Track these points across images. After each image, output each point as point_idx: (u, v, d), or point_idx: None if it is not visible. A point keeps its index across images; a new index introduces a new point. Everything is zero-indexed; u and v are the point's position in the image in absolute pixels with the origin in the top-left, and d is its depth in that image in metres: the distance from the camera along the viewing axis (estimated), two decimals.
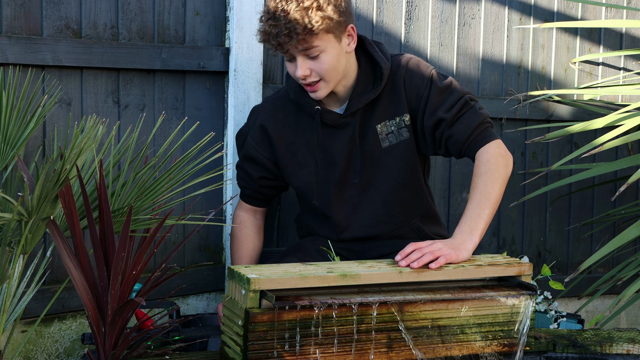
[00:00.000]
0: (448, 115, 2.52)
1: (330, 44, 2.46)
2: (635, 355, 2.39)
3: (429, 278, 2.20)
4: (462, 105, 2.53)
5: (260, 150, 2.67)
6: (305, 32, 2.40)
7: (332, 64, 2.47)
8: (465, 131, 2.51)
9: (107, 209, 2.04)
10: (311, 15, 2.40)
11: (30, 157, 2.57)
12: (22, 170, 2.04)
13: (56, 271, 2.68)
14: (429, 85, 2.56)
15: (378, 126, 2.60)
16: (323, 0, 2.42)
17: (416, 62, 2.61)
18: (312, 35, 2.41)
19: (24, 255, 2.10)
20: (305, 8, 2.40)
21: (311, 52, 2.44)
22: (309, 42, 2.42)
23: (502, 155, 2.48)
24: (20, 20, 2.56)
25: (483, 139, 2.51)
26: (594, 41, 3.63)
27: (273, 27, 2.41)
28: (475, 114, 2.52)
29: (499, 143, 2.51)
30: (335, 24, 2.44)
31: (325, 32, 2.43)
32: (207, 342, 2.44)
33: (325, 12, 2.41)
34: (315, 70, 2.47)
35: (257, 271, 2.07)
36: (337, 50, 2.48)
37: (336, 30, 2.46)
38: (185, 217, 2.36)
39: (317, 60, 2.46)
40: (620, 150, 3.68)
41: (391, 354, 2.15)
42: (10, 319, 2.17)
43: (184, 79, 2.88)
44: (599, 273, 3.67)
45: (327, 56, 2.46)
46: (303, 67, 2.46)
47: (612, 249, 2.85)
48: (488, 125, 2.54)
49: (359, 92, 2.58)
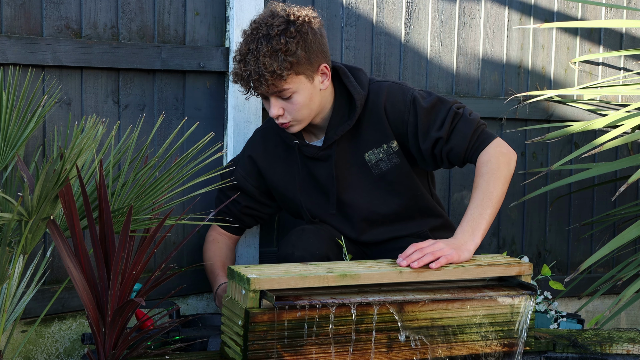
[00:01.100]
0: (442, 132, 2.50)
1: (302, 85, 2.47)
2: (635, 355, 2.39)
3: (429, 278, 2.20)
4: (452, 118, 2.51)
5: (250, 180, 2.73)
6: (274, 78, 2.41)
7: (304, 104, 2.48)
8: (463, 141, 2.50)
9: (107, 209, 2.04)
10: (280, 60, 2.40)
11: (30, 157, 2.57)
12: (22, 170, 2.04)
13: (56, 271, 2.68)
14: (414, 110, 2.54)
15: (366, 154, 2.61)
16: (292, 44, 2.41)
17: (397, 88, 2.58)
18: (281, 80, 2.42)
19: (24, 255, 2.10)
20: (274, 52, 2.40)
21: (283, 94, 2.46)
22: (279, 86, 2.43)
23: (502, 153, 2.47)
24: (20, 20, 2.56)
25: (482, 142, 2.50)
26: (594, 41, 3.63)
27: (244, 70, 2.44)
28: (468, 122, 2.51)
29: (499, 142, 2.50)
30: (305, 66, 2.45)
31: (295, 74, 2.44)
32: (207, 342, 2.44)
33: (294, 57, 2.41)
34: (287, 110, 2.49)
35: (257, 271, 2.07)
36: (309, 90, 2.49)
37: (307, 71, 2.46)
38: (185, 217, 2.36)
39: (290, 101, 2.48)
40: (620, 150, 3.68)
41: (391, 354, 2.15)
42: (10, 319, 2.17)
43: (184, 79, 2.88)
44: (599, 273, 3.67)
45: (299, 97, 2.47)
46: (275, 107, 2.49)
47: (612, 249, 2.84)
48: (482, 127, 2.53)
49: (334, 124, 2.59)
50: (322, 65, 2.50)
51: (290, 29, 2.42)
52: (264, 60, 2.39)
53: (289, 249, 2.54)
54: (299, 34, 2.43)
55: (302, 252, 2.50)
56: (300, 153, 2.63)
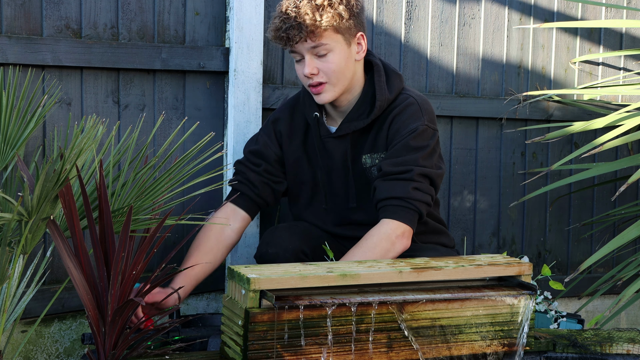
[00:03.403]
0: (387, 169, 2.49)
1: (339, 45, 2.47)
2: (635, 355, 2.39)
3: (429, 278, 2.20)
4: (404, 171, 2.47)
5: (272, 147, 2.67)
6: (314, 27, 2.41)
7: (339, 65, 2.48)
8: (383, 194, 2.47)
9: (107, 209, 2.04)
10: (322, 11, 2.42)
11: (30, 157, 2.57)
12: (22, 170, 2.04)
13: (56, 271, 2.68)
14: (406, 137, 2.51)
15: (364, 156, 2.61)
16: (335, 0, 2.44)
17: (414, 110, 2.54)
18: (321, 31, 2.42)
19: (24, 255, 2.10)
20: (317, 5, 2.43)
21: (319, 50, 2.45)
22: (318, 37, 2.43)
23: (389, 239, 2.43)
24: (20, 20, 2.56)
25: (391, 213, 2.45)
26: (594, 41, 3.63)
27: (283, 21, 2.44)
28: (405, 188, 2.45)
29: (400, 226, 2.44)
30: (345, 24, 2.45)
31: (334, 30, 2.44)
32: (207, 342, 2.44)
33: (336, 10, 2.43)
34: (322, 70, 2.48)
35: (257, 271, 2.07)
36: (345, 53, 2.49)
37: (345, 33, 2.47)
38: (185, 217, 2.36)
39: (325, 60, 2.47)
40: (620, 150, 3.68)
41: (391, 354, 2.15)
42: (10, 319, 2.17)
43: (183, 79, 2.88)
44: (599, 273, 3.67)
45: (335, 56, 2.47)
46: (310, 65, 2.47)
47: (612, 249, 2.84)
48: (408, 204, 2.45)
49: (352, 117, 2.59)
50: (360, 33, 2.52)
51: None
52: (305, 10, 2.42)
53: (263, 247, 2.56)
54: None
55: (275, 249, 2.52)
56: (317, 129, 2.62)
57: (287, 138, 2.68)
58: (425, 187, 2.50)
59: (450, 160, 3.37)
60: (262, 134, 2.70)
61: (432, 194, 2.52)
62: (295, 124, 2.68)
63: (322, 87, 2.50)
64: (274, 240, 2.55)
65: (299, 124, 2.68)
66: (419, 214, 2.49)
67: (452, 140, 3.38)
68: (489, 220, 3.48)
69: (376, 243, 2.43)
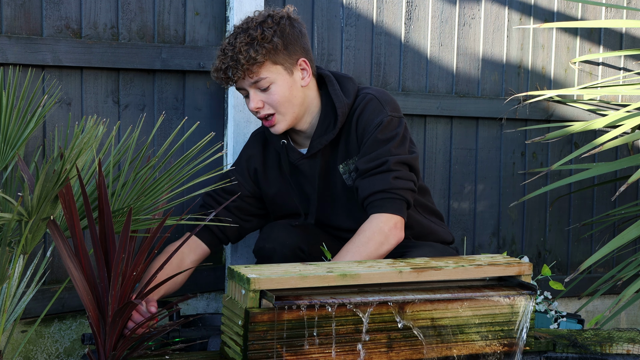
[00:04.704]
0: (363, 167, 2.49)
1: (280, 76, 2.47)
2: (635, 355, 2.39)
3: (429, 278, 2.20)
4: (380, 164, 2.47)
5: (246, 185, 2.67)
6: (249, 63, 2.42)
7: (283, 95, 2.48)
8: (366, 191, 2.47)
9: (107, 209, 2.04)
10: (256, 46, 2.42)
11: (30, 157, 2.57)
12: (22, 170, 2.04)
13: (56, 271, 2.68)
14: (373, 132, 2.51)
15: (340, 166, 2.60)
16: (268, 32, 2.43)
17: (375, 105, 2.54)
18: (258, 65, 2.43)
19: (24, 255, 2.10)
20: (252, 40, 2.43)
21: (261, 84, 2.46)
22: (256, 72, 2.45)
23: (382, 232, 2.43)
24: (20, 20, 2.56)
25: (379, 207, 2.46)
26: (594, 41, 3.63)
27: (222, 61, 2.46)
28: (385, 180, 2.46)
29: (390, 217, 2.44)
30: (282, 55, 2.46)
31: (272, 63, 2.45)
32: (207, 342, 2.44)
33: (270, 44, 2.43)
34: (267, 102, 2.49)
35: (257, 271, 2.07)
36: (288, 83, 2.49)
37: (285, 62, 2.47)
38: (185, 217, 2.36)
39: (268, 92, 2.48)
40: (620, 150, 3.68)
41: (391, 354, 2.15)
42: (10, 319, 2.17)
43: (184, 79, 2.88)
44: (599, 273, 3.67)
45: (278, 87, 2.47)
46: (255, 99, 2.49)
47: (612, 249, 2.84)
48: (393, 195, 2.46)
49: (319, 133, 2.58)
50: (301, 59, 2.50)
51: (267, 21, 2.46)
52: (240, 47, 2.42)
53: (260, 242, 2.57)
54: (277, 24, 2.46)
55: (272, 244, 2.53)
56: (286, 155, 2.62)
57: (263, 173, 2.68)
58: (405, 174, 2.50)
59: (450, 160, 3.37)
60: (235, 173, 2.67)
61: (414, 179, 2.52)
62: (268, 156, 2.69)
63: (273, 119, 2.51)
64: (272, 236, 2.56)
65: (272, 155, 2.68)
66: (406, 202, 2.49)
67: (452, 140, 3.38)
68: (489, 220, 3.48)
69: (369, 237, 2.42)
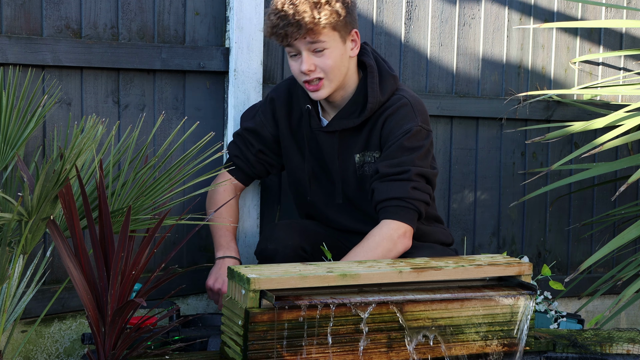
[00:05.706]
0: (384, 170, 2.50)
1: (336, 43, 2.49)
2: (635, 355, 2.39)
3: (429, 278, 2.20)
4: (401, 172, 2.49)
5: (267, 127, 2.71)
6: (312, 25, 2.42)
7: (336, 61, 2.49)
8: (382, 196, 2.49)
9: (106, 209, 2.04)
10: (320, 9, 2.43)
11: (30, 157, 2.57)
12: (22, 170, 2.04)
13: (56, 271, 2.68)
14: (400, 138, 2.52)
15: (357, 155, 2.61)
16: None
17: (407, 111, 2.55)
18: (320, 28, 2.43)
19: (24, 255, 2.10)
20: (315, 2, 2.43)
21: (317, 46, 2.47)
22: (316, 35, 2.44)
23: (391, 239, 2.45)
24: (20, 20, 2.56)
25: (392, 213, 2.48)
26: (594, 41, 3.63)
27: (281, 18, 2.45)
28: (403, 188, 2.47)
29: (401, 226, 2.47)
30: (342, 22, 2.47)
31: (331, 28, 2.46)
32: (207, 342, 2.44)
33: (334, 8, 2.44)
34: (319, 66, 2.49)
35: (257, 271, 2.07)
36: (341, 50, 2.50)
37: (342, 30, 2.48)
38: (185, 217, 2.36)
39: (322, 56, 2.48)
40: (620, 150, 3.68)
41: (391, 354, 2.15)
42: (10, 319, 2.17)
43: (184, 79, 2.88)
44: (599, 273, 3.67)
45: (332, 53, 2.48)
46: (308, 61, 2.48)
47: (612, 249, 2.85)
48: (408, 204, 2.48)
49: (342, 115, 2.60)
50: (354, 30, 2.53)
51: None
52: (303, 7, 2.43)
53: (262, 243, 2.60)
54: None
55: (274, 245, 2.55)
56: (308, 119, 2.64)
57: (283, 119, 2.71)
58: (423, 186, 2.52)
59: (450, 160, 3.37)
60: (260, 111, 2.74)
61: (430, 192, 2.54)
62: (291, 108, 2.71)
63: (320, 83, 2.52)
64: (274, 237, 2.58)
65: (294, 109, 2.70)
66: (418, 213, 2.50)
67: (452, 140, 3.38)
68: (489, 220, 3.48)
69: (378, 243, 2.44)
